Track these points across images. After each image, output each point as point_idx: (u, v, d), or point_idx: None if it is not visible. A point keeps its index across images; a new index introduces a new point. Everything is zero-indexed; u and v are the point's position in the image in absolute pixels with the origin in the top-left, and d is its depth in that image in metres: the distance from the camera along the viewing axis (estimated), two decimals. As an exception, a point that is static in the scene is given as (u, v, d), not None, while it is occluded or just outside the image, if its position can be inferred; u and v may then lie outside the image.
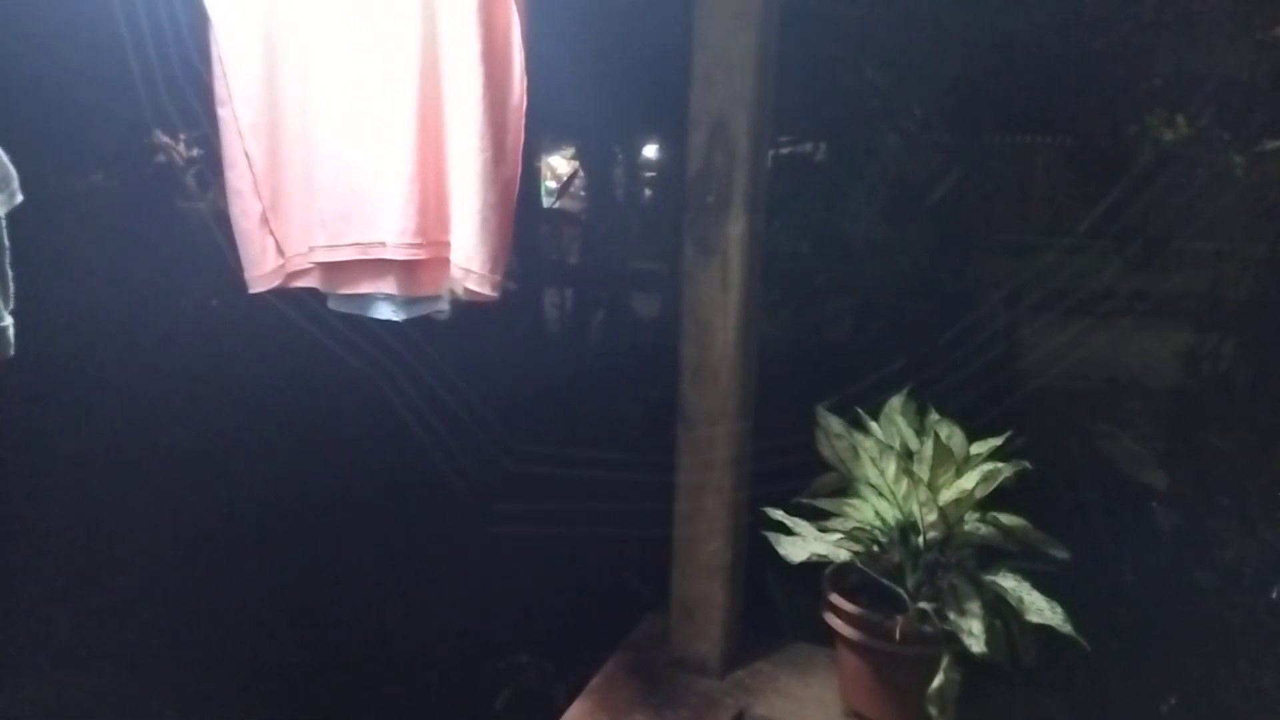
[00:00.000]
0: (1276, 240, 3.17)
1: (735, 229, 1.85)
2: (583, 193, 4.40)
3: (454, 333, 1.90)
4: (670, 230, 3.96)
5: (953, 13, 3.05)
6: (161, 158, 3.75)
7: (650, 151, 4.38)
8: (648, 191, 4.39)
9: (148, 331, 2.73)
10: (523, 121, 1.61)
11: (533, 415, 2.97)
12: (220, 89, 1.69)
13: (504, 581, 2.57)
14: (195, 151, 3.80)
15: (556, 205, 4.37)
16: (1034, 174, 4.13)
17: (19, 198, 1.11)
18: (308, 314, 2.01)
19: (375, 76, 1.60)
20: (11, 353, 1.11)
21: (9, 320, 1.10)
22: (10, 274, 1.11)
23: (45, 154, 2.20)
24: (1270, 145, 3.33)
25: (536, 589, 2.54)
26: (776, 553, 1.75)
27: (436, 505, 2.75)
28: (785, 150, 3.52)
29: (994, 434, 1.75)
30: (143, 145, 3.57)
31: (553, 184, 4.56)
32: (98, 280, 2.59)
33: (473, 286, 1.61)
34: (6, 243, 1.10)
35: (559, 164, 4.59)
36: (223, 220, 1.84)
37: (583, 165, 4.27)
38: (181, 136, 3.75)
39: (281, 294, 1.79)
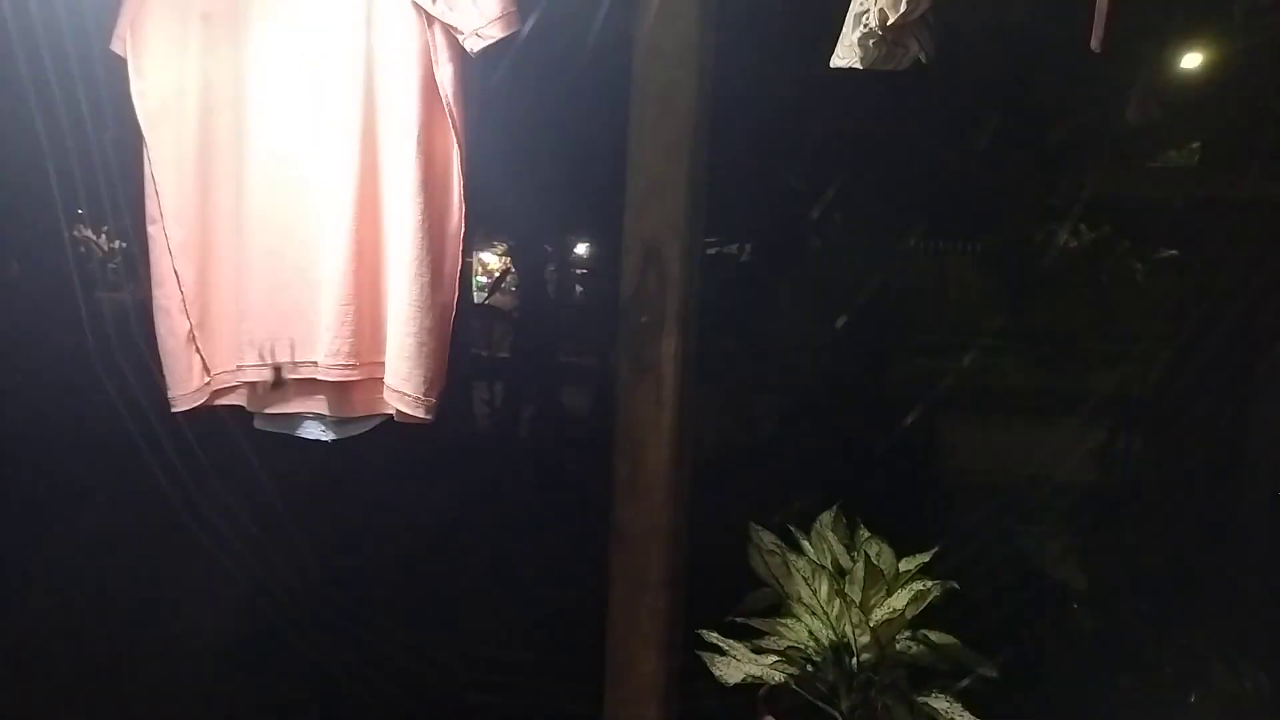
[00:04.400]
0: (1176, 339, 3.35)
1: (669, 348, 1.88)
2: (514, 289, 4.43)
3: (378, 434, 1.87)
4: (600, 327, 4.01)
5: (871, 124, 3.20)
6: (82, 249, 3.68)
7: (582, 249, 4.45)
8: (579, 289, 4.44)
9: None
10: (460, 248, 1.63)
11: (459, 522, 2.92)
12: (151, 207, 1.68)
13: (428, 700, 2.48)
14: (117, 244, 3.73)
15: (488, 301, 4.38)
16: (948, 277, 4.31)
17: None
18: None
19: (313, 200, 1.61)
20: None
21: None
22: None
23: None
24: (1165, 253, 3.55)
25: (462, 708, 2.46)
26: (707, 670, 1.74)
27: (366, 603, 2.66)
28: (710, 251, 3.61)
29: (922, 546, 1.79)
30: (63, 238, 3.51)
31: (484, 279, 4.58)
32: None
33: (405, 409, 1.60)
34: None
35: (491, 260, 4.62)
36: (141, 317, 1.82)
37: (514, 262, 4.31)
38: (104, 230, 3.69)
39: (206, 413, 1.75)
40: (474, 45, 1.54)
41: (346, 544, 2.70)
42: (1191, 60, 2.84)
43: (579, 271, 4.53)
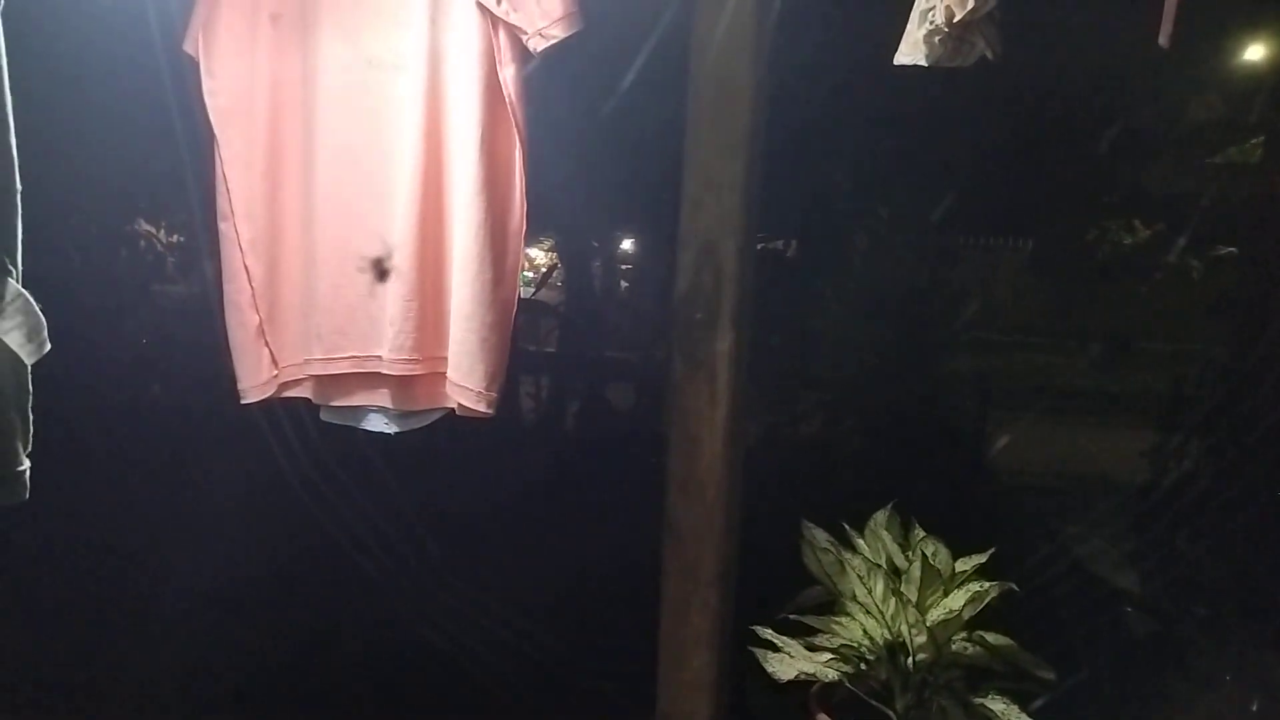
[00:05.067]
0: (1233, 340, 3.28)
1: (723, 345, 1.88)
2: (560, 284, 4.46)
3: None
4: (646, 323, 4.02)
5: (924, 122, 3.17)
6: (143, 244, 3.78)
7: (628, 245, 4.46)
8: (625, 284, 4.45)
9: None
10: (521, 245, 1.65)
11: (508, 514, 2.96)
12: (223, 204, 1.72)
13: (483, 696, 2.52)
14: (175, 238, 3.83)
15: (534, 296, 4.42)
16: (999, 275, 4.25)
17: (47, 346, 1.12)
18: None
19: (378, 198, 1.64)
20: (26, 495, 1.11)
21: (26, 464, 1.10)
22: (31, 418, 1.11)
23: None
24: (1223, 251, 3.48)
25: (516, 700, 2.49)
26: (760, 667, 1.74)
27: (414, 603, 2.71)
28: (758, 247, 3.60)
29: (979, 546, 1.78)
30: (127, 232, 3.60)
31: (530, 274, 4.62)
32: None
33: (467, 403, 1.63)
34: (30, 388, 1.10)
35: (538, 255, 4.66)
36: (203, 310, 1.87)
37: (562, 258, 4.34)
38: (163, 224, 3.79)
39: (274, 404, 1.80)
40: (537, 45, 1.57)
41: (395, 539, 2.74)
42: (1254, 54, 2.79)
43: (625, 267, 4.55)
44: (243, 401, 1.77)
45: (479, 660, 2.53)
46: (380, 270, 1.63)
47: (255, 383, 1.75)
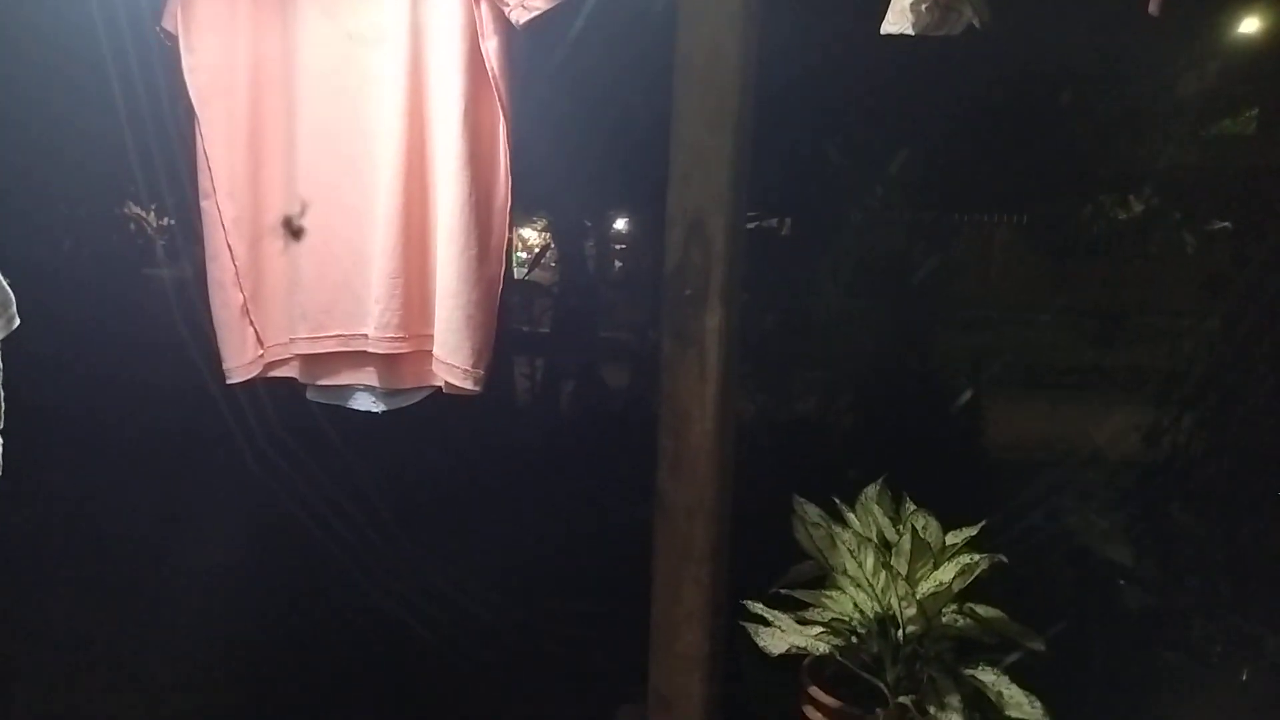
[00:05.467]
0: (1228, 314, 3.27)
1: (712, 321, 1.87)
2: (554, 264, 4.44)
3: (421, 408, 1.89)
4: (640, 302, 4.01)
5: (914, 94, 3.15)
6: (133, 227, 3.75)
7: (621, 225, 4.44)
8: (618, 264, 4.44)
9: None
10: (507, 222, 1.64)
11: (502, 494, 2.95)
12: (204, 182, 1.71)
13: (476, 668, 2.53)
14: (166, 221, 3.80)
15: (527, 276, 4.40)
16: (993, 251, 4.24)
17: (16, 322, 1.11)
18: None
19: (361, 175, 1.62)
20: (-1, 472, 1.10)
21: (-1, 440, 1.09)
22: (2, 394, 1.10)
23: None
24: (1218, 225, 3.46)
25: (510, 676, 2.50)
26: (751, 641, 1.74)
27: (405, 580, 2.71)
28: (750, 225, 3.58)
29: (971, 520, 1.78)
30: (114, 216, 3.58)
31: (524, 255, 4.60)
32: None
33: (454, 381, 1.62)
34: (0, 364, 1.09)
35: (530, 235, 4.64)
36: (188, 290, 1.85)
37: (555, 238, 4.32)
38: (153, 208, 3.76)
39: (259, 383, 1.79)
40: (520, 17, 1.55)
41: (390, 519, 2.74)
42: (1249, 25, 2.76)
43: (618, 247, 4.53)
44: (229, 381, 1.76)
45: (472, 638, 2.53)
46: (364, 249, 1.62)
47: (241, 362, 1.75)
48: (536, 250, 4.53)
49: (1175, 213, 3.63)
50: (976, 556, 1.67)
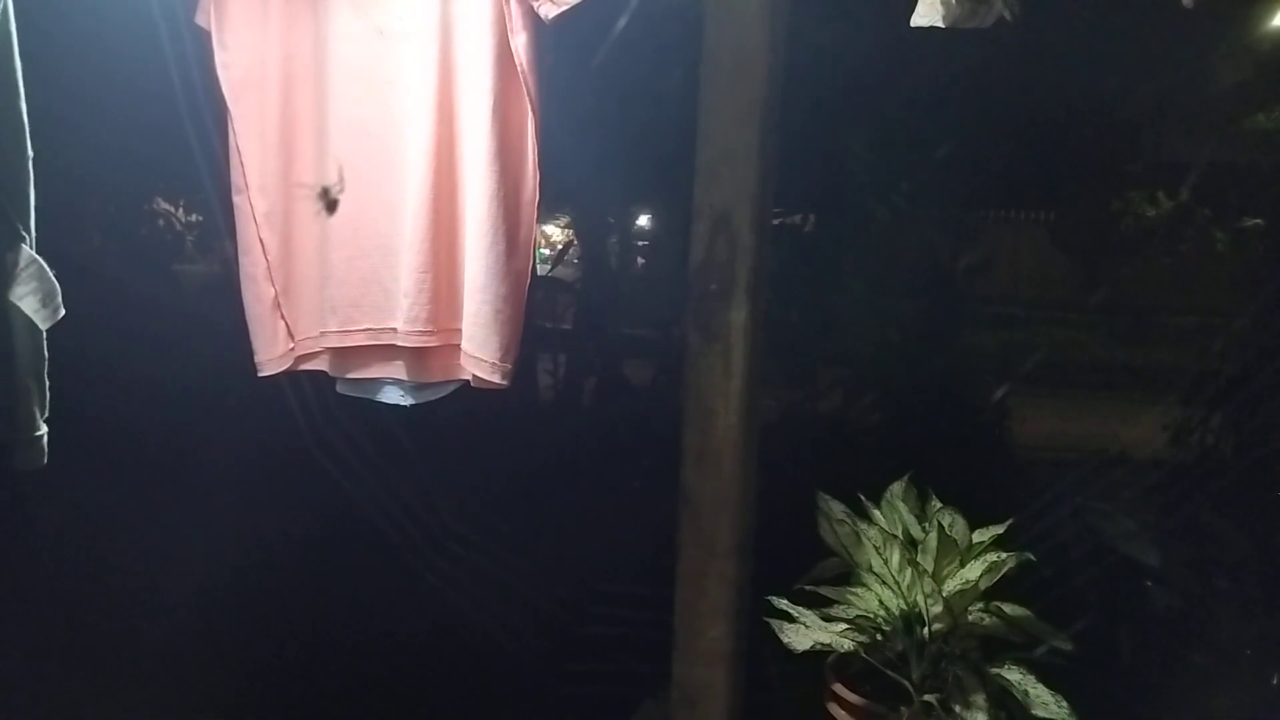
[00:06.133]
0: (1259, 313, 3.23)
1: (738, 316, 1.87)
2: (576, 261, 4.45)
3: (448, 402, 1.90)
4: (662, 299, 4.00)
5: (942, 91, 3.12)
6: (161, 223, 3.79)
7: (644, 221, 4.45)
8: (641, 260, 4.44)
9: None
10: (535, 216, 1.64)
11: (525, 490, 2.97)
12: (237, 177, 1.73)
13: (499, 664, 2.54)
14: (193, 217, 3.84)
15: (550, 273, 4.42)
16: (1020, 248, 4.21)
17: (61, 312, 1.13)
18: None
19: (391, 169, 1.64)
20: (44, 461, 1.12)
21: (44, 429, 1.11)
22: (47, 384, 1.12)
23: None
24: (1249, 222, 3.42)
25: (532, 671, 2.51)
26: (776, 637, 1.74)
27: (431, 574, 2.73)
28: (775, 222, 3.57)
29: (997, 519, 1.77)
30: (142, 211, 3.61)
31: (547, 251, 4.62)
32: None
33: (483, 375, 1.63)
34: (45, 354, 1.11)
35: (554, 232, 4.66)
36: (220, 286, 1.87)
37: (578, 234, 4.33)
38: (180, 203, 3.80)
39: (290, 376, 1.81)
40: (549, 12, 1.55)
41: (412, 515, 2.76)
42: (1282, 19, 2.72)
43: (641, 244, 4.54)
44: (260, 374, 1.78)
45: (497, 631, 2.55)
46: (393, 243, 1.63)
47: (272, 355, 1.76)
48: (560, 247, 4.54)
49: (1205, 209, 3.59)
50: (1004, 554, 1.66)
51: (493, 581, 2.59)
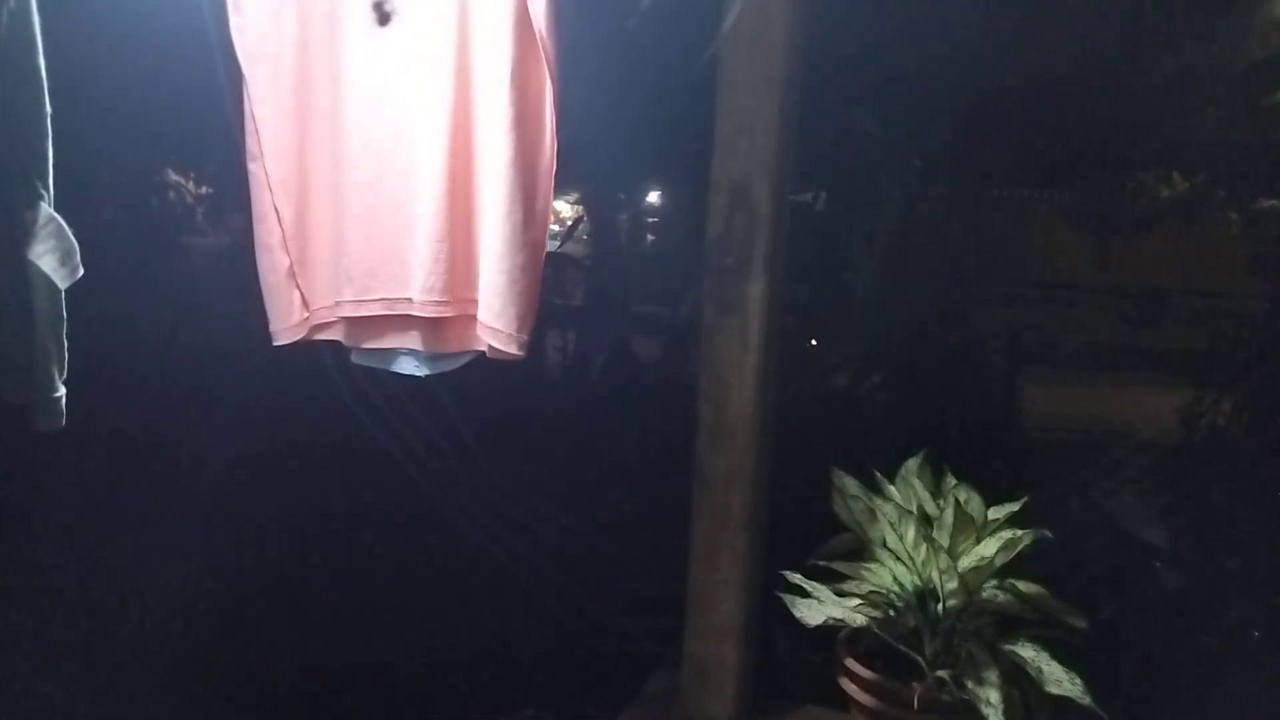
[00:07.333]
0: (1273, 296, 3.21)
1: (755, 290, 1.86)
2: (586, 237, 4.43)
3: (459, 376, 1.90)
4: (674, 276, 3.98)
5: (954, 68, 3.09)
6: (172, 194, 3.78)
7: (654, 198, 4.42)
8: (651, 237, 4.42)
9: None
10: (552, 185, 1.63)
11: (543, 464, 2.97)
12: (252, 145, 1.71)
13: (512, 636, 2.56)
14: (204, 189, 3.82)
15: (560, 249, 4.40)
16: (1033, 228, 4.18)
17: (80, 271, 1.12)
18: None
19: (407, 137, 1.62)
20: (62, 422, 1.11)
21: (62, 390, 1.11)
22: (65, 345, 1.11)
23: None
24: (1265, 204, 3.39)
25: (546, 643, 2.52)
26: (787, 612, 1.74)
27: (445, 551, 2.74)
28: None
29: (1009, 498, 1.77)
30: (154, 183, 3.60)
31: (556, 227, 4.60)
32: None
33: (498, 345, 1.62)
34: (64, 314, 1.11)
35: (563, 208, 4.63)
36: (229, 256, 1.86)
37: (587, 210, 4.31)
38: (191, 175, 3.78)
39: (305, 346, 1.80)
40: (568, -22, 1.53)
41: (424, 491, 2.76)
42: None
43: (651, 220, 4.51)
44: (274, 343, 1.77)
45: (512, 605, 2.56)
46: (410, 212, 1.62)
47: (287, 325, 1.75)
48: (570, 223, 4.52)
49: (1220, 190, 3.55)
50: (1019, 531, 1.66)
51: (506, 556, 2.60)
